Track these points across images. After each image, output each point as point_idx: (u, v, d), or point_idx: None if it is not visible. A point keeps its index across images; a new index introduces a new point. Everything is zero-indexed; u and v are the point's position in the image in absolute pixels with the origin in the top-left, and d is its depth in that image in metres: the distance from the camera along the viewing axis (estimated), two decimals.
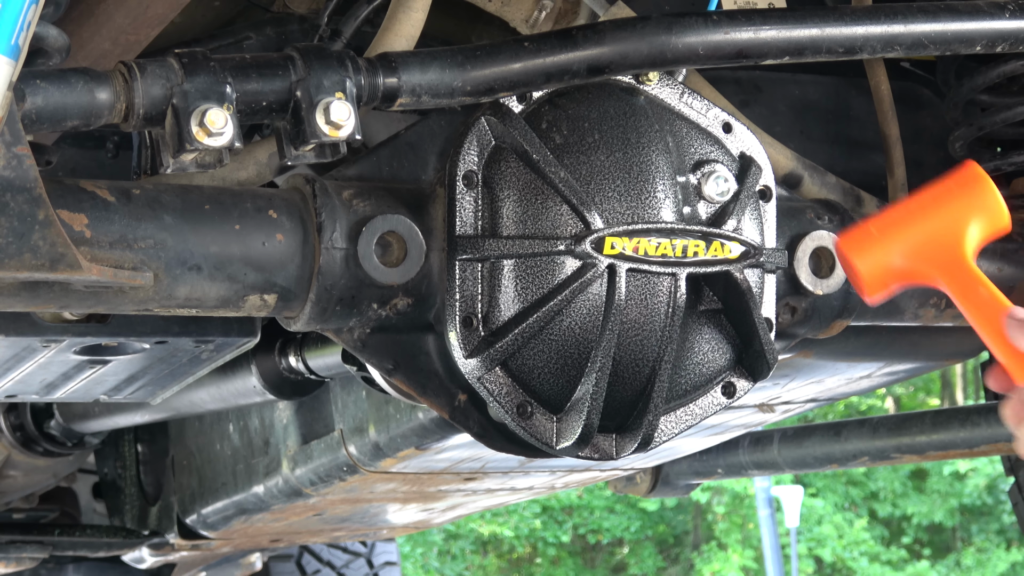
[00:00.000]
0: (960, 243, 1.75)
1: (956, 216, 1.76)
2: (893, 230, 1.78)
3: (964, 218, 1.75)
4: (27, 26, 1.49)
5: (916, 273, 1.77)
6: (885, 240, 1.77)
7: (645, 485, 3.66)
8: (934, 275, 1.75)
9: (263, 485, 3.15)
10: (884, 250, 1.76)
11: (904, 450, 3.27)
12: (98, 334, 2.20)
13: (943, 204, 1.77)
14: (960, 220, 1.75)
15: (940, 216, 1.76)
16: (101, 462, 4.13)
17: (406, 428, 2.64)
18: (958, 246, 1.75)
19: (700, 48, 1.85)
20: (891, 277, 1.78)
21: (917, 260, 1.76)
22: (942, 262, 1.75)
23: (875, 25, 1.91)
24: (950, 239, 1.75)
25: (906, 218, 1.79)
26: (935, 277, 1.75)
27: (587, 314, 1.86)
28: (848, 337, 2.23)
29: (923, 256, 1.75)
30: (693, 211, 1.90)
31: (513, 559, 22.34)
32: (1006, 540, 20.61)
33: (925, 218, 1.77)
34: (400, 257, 1.84)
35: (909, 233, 1.77)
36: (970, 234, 1.75)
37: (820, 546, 20.79)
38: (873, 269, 1.77)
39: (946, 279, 1.74)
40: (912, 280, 1.79)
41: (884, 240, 1.77)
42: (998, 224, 1.77)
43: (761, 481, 18.01)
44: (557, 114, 1.89)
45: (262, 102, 1.74)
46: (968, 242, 1.75)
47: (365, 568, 5.13)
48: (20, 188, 1.59)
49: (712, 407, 1.98)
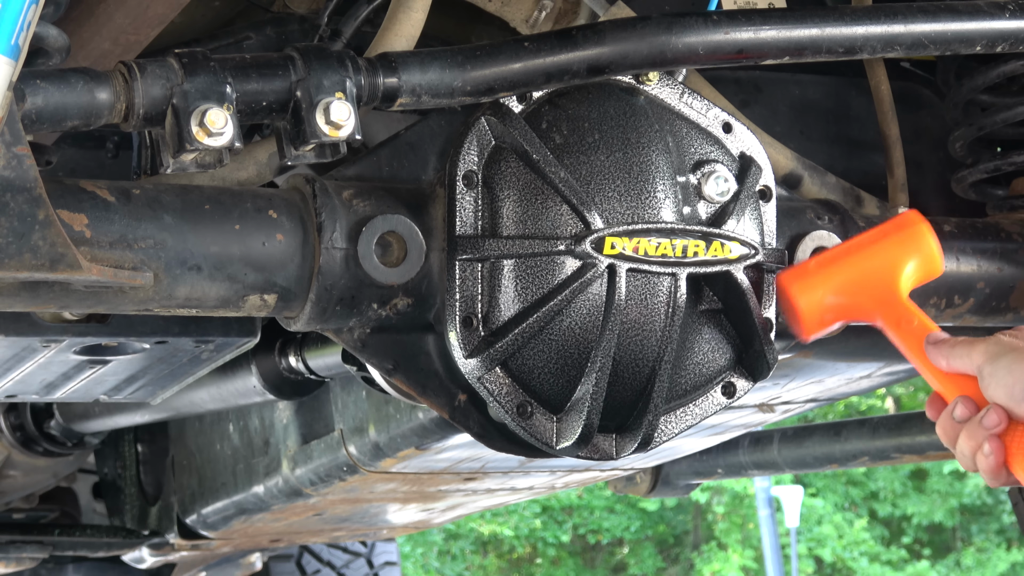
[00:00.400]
0: (896, 280, 1.87)
1: (894, 256, 1.88)
2: (833, 266, 1.91)
3: (901, 258, 1.88)
4: (27, 26, 1.49)
5: (853, 308, 1.89)
6: (824, 276, 1.91)
7: (645, 485, 3.66)
8: (870, 308, 1.87)
9: (263, 485, 3.15)
10: (823, 285, 1.88)
11: (904, 450, 3.27)
12: (98, 334, 2.20)
13: (883, 244, 1.89)
14: (897, 260, 1.88)
15: (879, 255, 1.89)
16: (101, 462, 4.12)
17: (406, 428, 2.64)
18: (894, 282, 1.86)
19: (700, 48, 1.85)
20: (828, 313, 1.90)
21: (855, 295, 1.88)
22: (878, 297, 1.86)
23: (875, 25, 1.91)
24: (887, 275, 1.87)
25: (846, 256, 1.91)
26: (871, 310, 1.87)
27: (587, 314, 1.86)
28: (848, 337, 2.22)
29: (860, 291, 1.87)
30: (693, 211, 1.90)
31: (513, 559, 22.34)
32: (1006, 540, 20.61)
33: (865, 256, 1.89)
34: (400, 257, 1.84)
35: (849, 269, 1.89)
36: (906, 273, 1.87)
37: (820, 546, 20.79)
38: (811, 304, 1.90)
39: (881, 312, 1.86)
40: (848, 316, 1.90)
41: (823, 276, 1.90)
42: (932, 269, 1.90)
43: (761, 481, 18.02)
44: (557, 114, 1.89)
45: (262, 102, 1.74)
46: (904, 280, 1.87)
47: (365, 568, 5.13)
48: (20, 188, 1.59)
49: (712, 407, 1.98)
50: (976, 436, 1.69)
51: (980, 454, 1.69)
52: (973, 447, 1.70)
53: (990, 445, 1.68)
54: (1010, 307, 2.25)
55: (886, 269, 1.87)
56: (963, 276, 2.20)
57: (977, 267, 2.21)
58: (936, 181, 2.49)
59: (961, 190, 2.39)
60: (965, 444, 1.71)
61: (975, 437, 1.69)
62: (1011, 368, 1.68)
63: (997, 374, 1.69)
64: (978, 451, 1.69)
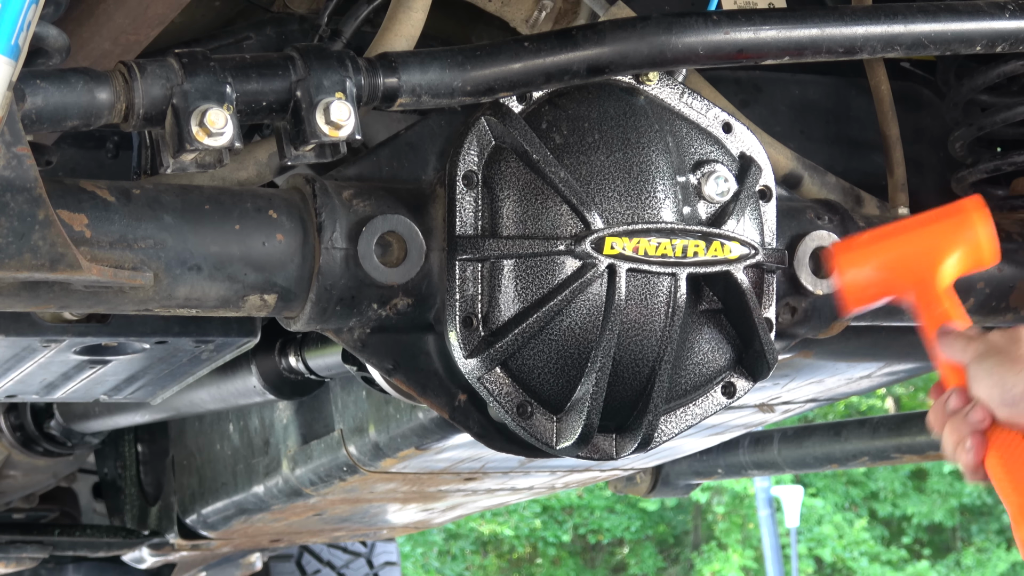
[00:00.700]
0: (937, 264, 1.85)
1: (941, 241, 1.86)
2: (881, 243, 1.90)
3: (947, 245, 1.86)
4: (27, 26, 1.49)
5: (893, 285, 1.88)
6: (872, 251, 1.89)
7: (645, 485, 3.66)
8: (908, 289, 1.86)
9: (263, 485, 3.15)
10: (870, 260, 1.87)
11: (904, 450, 3.27)
12: (98, 334, 2.20)
13: (933, 228, 1.88)
14: (943, 245, 1.86)
15: (927, 238, 1.87)
16: (101, 462, 4.12)
17: (406, 428, 2.64)
18: (934, 267, 1.85)
19: (700, 48, 1.85)
20: (871, 288, 1.89)
21: (896, 273, 1.86)
22: (917, 279, 1.85)
23: (875, 25, 1.91)
24: (930, 259, 1.85)
25: (896, 234, 1.90)
26: (907, 290, 1.86)
27: (587, 314, 1.86)
28: (848, 337, 2.23)
29: (902, 270, 1.86)
30: (693, 211, 1.90)
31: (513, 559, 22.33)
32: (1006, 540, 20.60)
33: (914, 238, 1.88)
34: (400, 257, 1.84)
35: (896, 248, 1.88)
36: (950, 260, 1.85)
37: (820, 546, 20.78)
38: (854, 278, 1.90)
39: (916, 294, 1.85)
40: (889, 292, 1.89)
41: (871, 251, 1.89)
42: (981, 259, 1.88)
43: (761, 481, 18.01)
44: (557, 114, 1.89)
45: (262, 102, 1.74)
46: (947, 266, 1.85)
47: (365, 568, 5.13)
48: (20, 188, 1.59)
49: (712, 407, 1.98)
50: (960, 429, 1.71)
51: (961, 447, 1.70)
52: (956, 439, 1.71)
53: (972, 440, 1.69)
54: (1010, 307, 2.25)
55: (930, 253, 1.86)
56: (963, 276, 2.19)
57: None
58: (936, 181, 2.49)
59: (961, 190, 2.39)
60: (949, 435, 1.72)
61: (959, 430, 1.71)
62: (992, 371, 1.69)
63: (979, 375, 1.70)
64: (959, 444, 1.70)
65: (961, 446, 1.70)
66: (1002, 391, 1.68)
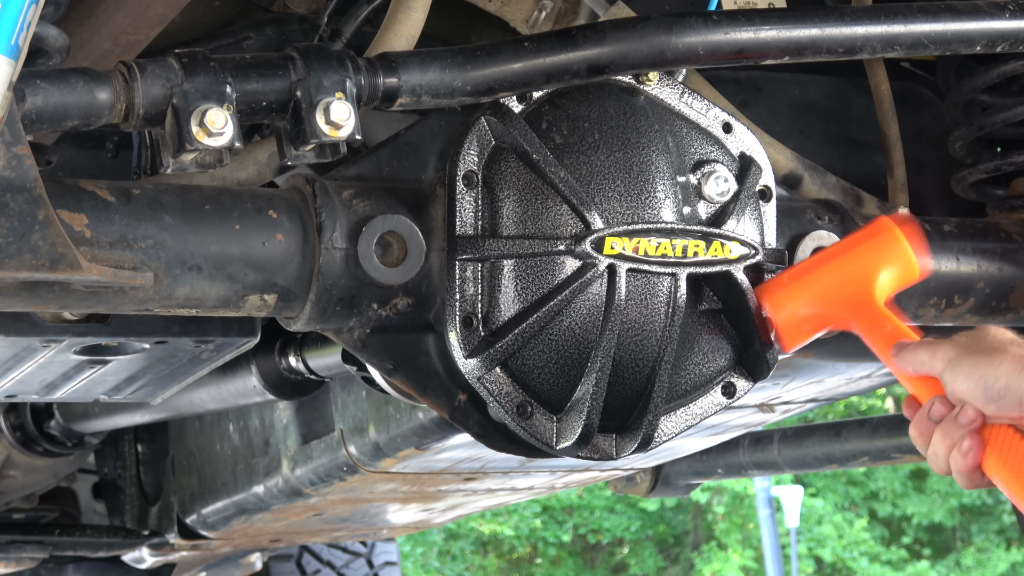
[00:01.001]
0: (869, 287, 1.86)
1: (866, 263, 1.87)
2: (805, 278, 1.91)
3: (874, 266, 1.87)
4: (27, 26, 1.49)
5: (829, 317, 1.89)
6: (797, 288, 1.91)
7: (645, 485, 3.66)
8: (845, 316, 1.87)
9: (263, 485, 3.15)
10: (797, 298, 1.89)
11: (904, 450, 3.27)
12: (98, 334, 2.20)
13: (854, 253, 1.89)
14: (870, 267, 1.87)
15: (851, 263, 1.88)
16: (101, 462, 4.12)
17: (406, 428, 2.64)
18: (867, 290, 1.86)
19: (700, 48, 1.85)
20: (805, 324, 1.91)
21: (829, 305, 1.88)
22: (852, 305, 1.87)
23: (875, 25, 1.91)
24: (860, 283, 1.87)
25: (818, 267, 1.91)
26: (846, 319, 1.87)
27: (587, 314, 1.86)
28: (848, 337, 2.22)
29: (834, 301, 1.88)
30: (693, 211, 1.90)
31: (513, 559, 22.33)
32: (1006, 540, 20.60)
33: (837, 266, 1.89)
34: (400, 257, 1.84)
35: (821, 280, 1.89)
36: (881, 280, 1.87)
37: (820, 546, 20.78)
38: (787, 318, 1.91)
39: (856, 319, 1.86)
40: (826, 325, 1.90)
41: (797, 288, 1.90)
42: (910, 274, 1.89)
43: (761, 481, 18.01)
44: (557, 114, 1.89)
45: (262, 102, 1.74)
46: (879, 287, 1.86)
47: (365, 568, 5.13)
48: (20, 188, 1.59)
49: (712, 407, 1.98)
50: (952, 434, 1.70)
51: (956, 452, 1.70)
52: (948, 445, 1.70)
53: (969, 441, 1.68)
54: (1010, 307, 2.25)
55: (859, 277, 1.87)
56: (963, 276, 2.20)
57: (977, 267, 2.21)
58: (936, 181, 2.49)
59: (961, 190, 2.39)
60: (940, 443, 1.71)
61: (951, 435, 1.70)
62: (970, 373, 1.70)
63: (958, 380, 1.71)
64: (954, 449, 1.70)
65: (956, 450, 1.70)
66: (985, 388, 1.68)
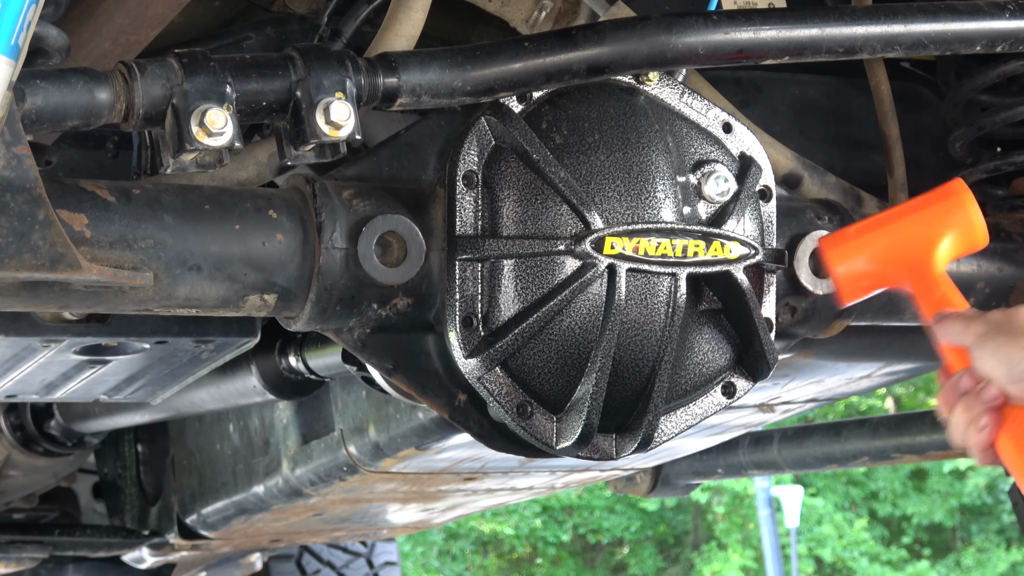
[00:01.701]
0: (930, 250, 1.85)
1: (932, 226, 1.86)
2: (871, 234, 1.90)
3: (940, 229, 1.86)
4: (27, 26, 1.49)
5: (887, 275, 1.88)
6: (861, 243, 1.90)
7: (645, 485, 3.66)
8: (902, 277, 1.86)
9: (263, 485, 3.16)
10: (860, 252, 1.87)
11: (904, 450, 3.28)
12: (98, 334, 2.20)
13: (922, 213, 1.88)
14: (935, 230, 1.86)
15: (917, 224, 1.87)
16: (101, 462, 4.13)
17: (406, 428, 2.64)
18: (928, 252, 1.85)
19: (700, 48, 1.85)
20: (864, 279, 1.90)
21: (889, 263, 1.87)
22: (911, 266, 1.85)
23: (875, 25, 1.91)
24: (922, 245, 1.85)
25: (885, 223, 1.90)
26: (902, 278, 1.86)
27: (587, 314, 1.86)
28: (848, 337, 2.23)
29: (895, 259, 1.86)
30: (693, 211, 1.90)
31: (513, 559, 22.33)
32: (1006, 540, 20.60)
33: (903, 225, 1.88)
34: (400, 257, 1.84)
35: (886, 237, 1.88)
36: (943, 244, 1.86)
37: (820, 546, 20.78)
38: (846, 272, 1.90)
39: (911, 281, 1.85)
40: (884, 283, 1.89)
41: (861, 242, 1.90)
42: (974, 241, 1.88)
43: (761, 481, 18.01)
44: (557, 114, 1.89)
45: (262, 102, 1.74)
46: (941, 251, 1.85)
47: (365, 568, 5.13)
48: (20, 188, 1.59)
49: (712, 407, 1.98)
50: (973, 408, 1.71)
51: (974, 427, 1.71)
52: (968, 419, 1.71)
53: (987, 418, 1.69)
54: (1010, 307, 2.25)
55: (923, 238, 1.86)
56: (963, 276, 2.20)
57: (977, 267, 2.21)
58: (936, 181, 2.48)
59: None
60: (961, 416, 1.72)
61: (972, 409, 1.71)
62: (996, 350, 1.70)
63: (984, 355, 1.71)
64: (972, 423, 1.71)
65: (974, 425, 1.71)
66: (1008, 368, 1.69)
